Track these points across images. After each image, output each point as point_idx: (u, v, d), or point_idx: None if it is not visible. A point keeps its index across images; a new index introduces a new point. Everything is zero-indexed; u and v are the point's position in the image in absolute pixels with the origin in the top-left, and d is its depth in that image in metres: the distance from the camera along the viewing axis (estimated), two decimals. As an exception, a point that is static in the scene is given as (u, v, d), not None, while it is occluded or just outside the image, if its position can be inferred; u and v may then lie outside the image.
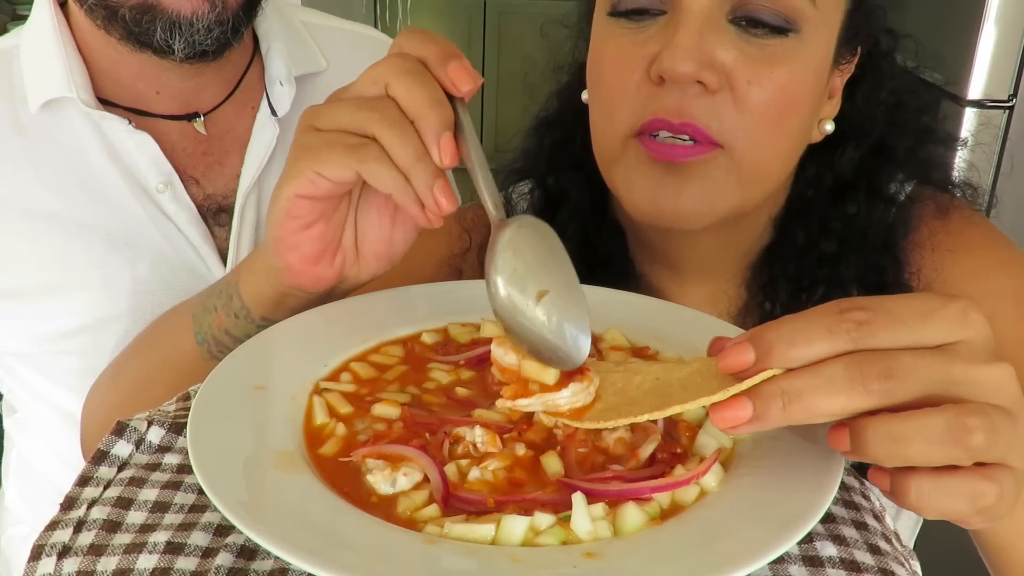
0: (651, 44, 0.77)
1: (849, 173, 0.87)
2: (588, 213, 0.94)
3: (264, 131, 1.13)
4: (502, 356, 0.60)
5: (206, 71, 1.08)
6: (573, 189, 0.95)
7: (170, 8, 0.98)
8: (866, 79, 0.88)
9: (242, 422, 0.59)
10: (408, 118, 0.65)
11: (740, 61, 0.75)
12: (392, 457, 0.56)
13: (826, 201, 0.88)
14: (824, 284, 0.86)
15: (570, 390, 0.56)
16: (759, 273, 0.91)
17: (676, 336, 0.71)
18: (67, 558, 0.51)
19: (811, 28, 0.77)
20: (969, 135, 2.15)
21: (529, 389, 0.57)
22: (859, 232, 0.87)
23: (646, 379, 0.57)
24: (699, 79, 0.74)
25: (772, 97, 0.76)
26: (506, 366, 0.59)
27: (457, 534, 0.50)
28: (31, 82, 1.07)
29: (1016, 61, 2.06)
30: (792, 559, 0.53)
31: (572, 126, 0.95)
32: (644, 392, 0.55)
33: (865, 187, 0.87)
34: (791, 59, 0.76)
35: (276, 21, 1.16)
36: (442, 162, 0.64)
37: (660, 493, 0.53)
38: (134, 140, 1.07)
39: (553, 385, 0.57)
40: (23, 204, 1.07)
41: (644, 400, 0.54)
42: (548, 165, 0.97)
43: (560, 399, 0.56)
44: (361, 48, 1.25)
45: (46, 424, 1.19)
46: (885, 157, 0.88)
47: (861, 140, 0.87)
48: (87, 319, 1.08)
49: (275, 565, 0.51)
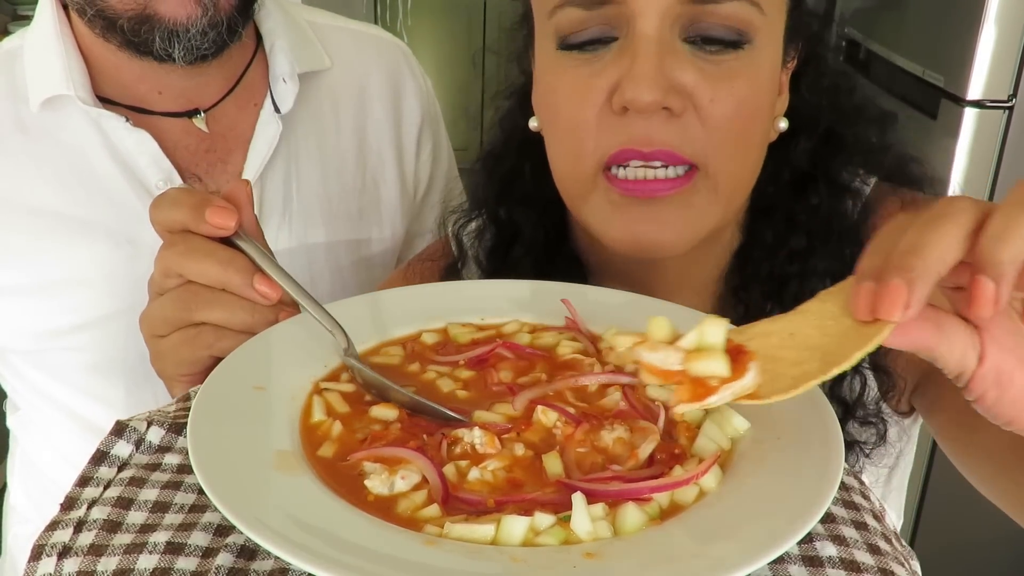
0: (608, 73, 0.75)
1: (806, 164, 0.87)
2: (542, 248, 0.92)
3: (268, 128, 1.13)
4: (663, 360, 0.55)
5: (207, 70, 1.08)
6: (526, 224, 0.93)
7: (167, 17, 0.98)
8: (808, 70, 0.87)
9: (242, 422, 0.59)
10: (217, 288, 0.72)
11: (700, 80, 0.74)
12: (390, 460, 0.56)
13: (788, 196, 0.87)
14: (797, 279, 0.86)
15: (753, 372, 0.53)
16: (730, 278, 0.90)
17: None
18: (67, 558, 0.51)
19: (762, 36, 0.76)
20: (970, 135, 2.14)
21: (709, 386, 0.53)
22: (824, 222, 0.86)
23: (782, 338, 0.54)
24: (665, 105, 0.73)
25: (736, 111, 0.76)
26: (667, 369, 0.55)
27: (457, 534, 0.50)
28: (32, 81, 1.08)
29: (1016, 61, 2.06)
30: (792, 559, 0.53)
31: (518, 157, 0.93)
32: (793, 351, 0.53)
33: (823, 176, 0.87)
34: (748, 71, 0.76)
35: (280, 19, 1.16)
36: (271, 300, 0.72)
37: (659, 493, 0.53)
38: (133, 138, 1.07)
39: (733, 374, 0.53)
40: (25, 201, 1.07)
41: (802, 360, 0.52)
42: (498, 199, 0.95)
43: (747, 383, 0.53)
44: (365, 47, 1.26)
45: (49, 421, 1.19)
46: (836, 143, 0.87)
47: (811, 130, 0.87)
48: (89, 316, 1.08)
49: (275, 565, 0.51)
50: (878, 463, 0.89)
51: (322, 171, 1.18)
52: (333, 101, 1.20)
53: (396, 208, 1.26)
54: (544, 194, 0.89)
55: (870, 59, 2.55)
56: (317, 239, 1.18)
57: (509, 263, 0.93)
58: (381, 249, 1.25)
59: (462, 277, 0.98)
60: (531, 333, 0.73)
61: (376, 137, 1.24)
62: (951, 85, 2.14)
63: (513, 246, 0.94)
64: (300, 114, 1.16)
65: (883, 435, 0.88)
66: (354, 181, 1.21)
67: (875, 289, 0.48)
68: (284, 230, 1.15)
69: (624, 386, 0.64)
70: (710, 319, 0.54)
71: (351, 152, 1.21)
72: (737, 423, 0.59)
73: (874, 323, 0.49)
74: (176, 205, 0.73)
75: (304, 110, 1.16)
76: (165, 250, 0.73)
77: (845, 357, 0.50)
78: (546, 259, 0.92)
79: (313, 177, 1.18)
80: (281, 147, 1.14)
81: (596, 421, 0.60)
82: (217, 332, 0.74)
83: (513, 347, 0.70)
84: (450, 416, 0.62)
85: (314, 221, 1.18)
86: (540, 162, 0.87)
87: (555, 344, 0.71)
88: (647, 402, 0.62)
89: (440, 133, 1.32)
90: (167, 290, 0.75)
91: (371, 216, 1.23)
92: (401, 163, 1.26)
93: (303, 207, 1.17)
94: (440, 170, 1.33)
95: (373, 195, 1.23)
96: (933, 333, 0.50)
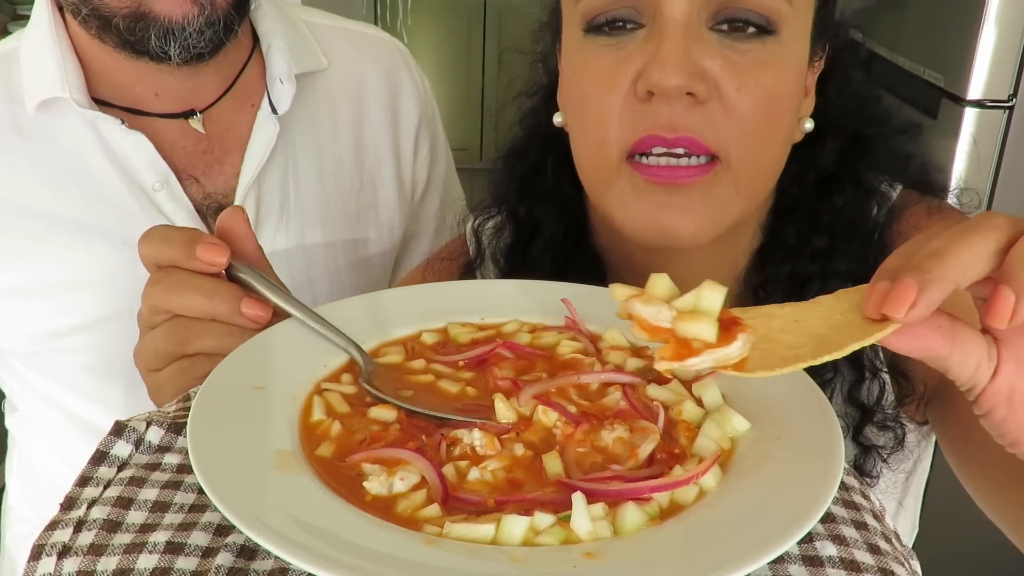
0: (634, 60, 0.76)
1: (832, 166, 0.87)
2: (562, 245, 0.93)
3: (265, 129, 1.13)
4: (654, 315, 0.54)
5: (204, 70, 1.08)
6: (546, 221, 0.93)
7: (162, 15, 0.98)
8: (835, 73, 0.88)
9: (242, 422, 0.59)
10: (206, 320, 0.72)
11: (726, 69, 0.74)
12: (388, 461, 0.56)
13: (812, 197, 0.87)
14: (818, 279, 0.86)
15: (740, 341, 0.53)
16: (750, 277, 0.90)
17: None
18: (67, 558, 0.51)
19: (789, 29, 0.77)
20: (970, 135, 2.14)
21: (693, 348, 0.53)
22: (848, 224, 0.86)
23: (785, 322, 0.54)
24: (689, 90, 0.73)
25: (761, 102, 0.76)
26: (657, 325, 0.54)
27: (457, 534, 0.50)
28: (28, 83, 1.08)
29: (1016, 61, 2.05)
30: (792, 559, 0.53)
31: (540, 154, 0.93)
32: (792, 335, 0.53)
33: (849, 178, 0.87)
34: (774, 62, 0.76)
35: (277, 19, 1.16)
36: (262, 322, 0.71)
37: (659, 493, 0.53)
38: (129, 140, 1.07)
39: (718, 341, 0.53)
40: (23, 204, 1.07)
41: (799, 344, 0.52)
42: (519, 197, 0.96)
43: (732, 352, 0.53)
44: (362, 47, 1.26)
45: (46, 422, 1.19)
46: (863, 147, 0.88)
47: (838, 132, 0.87)
48: (87, 318, 1.08)
49: (275, 565, 0.51)
50: (895, 468, 0.89)
51: (319, 172, 1.18)
52: (330, 102, 1.20)
53: (394, 209, 1.26)
54: (564, 191, 0.89)
55: (870, 59, 2.54)
56: (314, 240, 1.18)
57: (528, 261, 0.93)
58: (379, 250, 1.25)
59: (478, 276, 0.98)
60: (531, 333, 0.73)
61: (373, 138, 1.23)
62: (951, 85, 2.14)
63: (532, 244, 0.94)
64: (297, 115, 1.16)
65: (901, 440, 0.87)
66: (351, 182, 1.21)
67: (888, 287, 0.48)
68: (281, 231, 1.15)
69: (624, 386, 0.64)
70: (709, 284, 0.54)
71: (348, 153, 1.21)
72: (737, 423, 0.59)
73: (880, 321, 0.49)
74: (166, 242, 0.73)
75: (301, 111, 1.16)
76: (151, 287, 0.73)
77: (839, 347, 0.50)
78: (565, 257, 0.92)
79: (310, 178, 1.18)
80: (278, 148, 1.14)
81: (596, 421, 0.60)
82: (212, 360, 0.72)
83: (513, 347, 0.70)
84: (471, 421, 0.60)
85: (311, 222, 1.18)
86: (561, 159, 0.87)
87: (555, 344, 0.71)
88: (647, 402, 0.62)
89: (438, 134, 1.32)
90: (157, 325, 0.75)
91: (368, 217, 1.23)
92: (398, 164, 1.26)
93: (300, 208, 1.17)
94: (438, 171, 1.33)
95: (370, 196, 1.23)
96: (945, 342, 0.50)
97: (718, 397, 0.62)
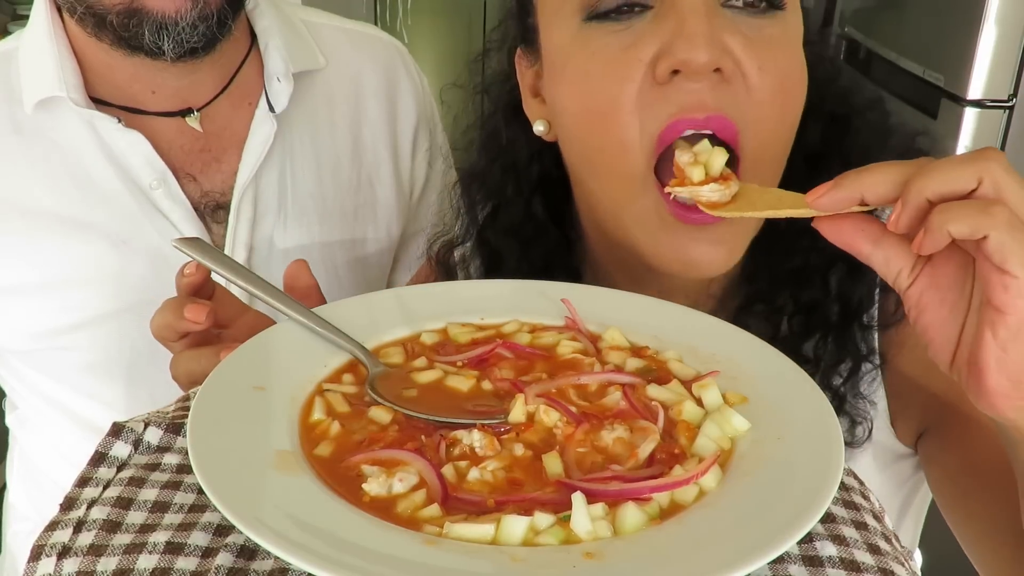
0: (646, 43, 0.72)
1: (818, 145, 0.84)
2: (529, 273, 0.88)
3: (262, 127, 1.13)
4: (680, 156, 0.72)
5: (200, 67, 1.08)
6: (510, 258, 0.90)
7: (155, 9, 0.98)
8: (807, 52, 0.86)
9: (242, 422, 0.59)
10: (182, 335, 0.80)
11: (747, 47, 0.72)
12: (387, 462, 0.56)
13: (803, 175, 0.85)
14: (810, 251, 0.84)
15: (709, 187, 0.70)
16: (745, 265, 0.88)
17: (675, 335, 0.71)
18: (67, 558, 0.51)
19: (792, 4, 0.76)
20: (970, 134, 2.15)
21: (685, 183, 0.71)
22: None
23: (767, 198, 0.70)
24: (718, 66, 0.70)
25: (781, 82, 0.74)
26: (677, 161, 0.72)
27: (457, 534, 0.50)
28: (26, 82, 1.08)
29: (1016, 61, 2.06)
30: (792, 559, 0.53)
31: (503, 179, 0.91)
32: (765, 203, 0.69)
33: (837, 155, 0.84)
34: (785, 39, 0.75)
35: (274, 18, 1.16)
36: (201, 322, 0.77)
37: (659, 493, 0.53)
38: (126, 139, 1.07)
39: (698, 182, 0.71)
40: (21, 202, 1.08)
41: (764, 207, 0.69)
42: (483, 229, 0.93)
43: (703, 192, 0.70)
44: (360, 46, 1.26)
45: (46, 420, 1.19)
46: (842, 124, 0.86)
47: (817, 113, 0.84)
48: (86, 316, 1.09)
49: (275, 565, 0.51)
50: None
51: (317, 170, 1.18)
52: (328, 100, 1.20)
53: (392, 208, 1.26)
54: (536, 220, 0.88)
55: (870, 59, 2.55)
56: (312, 239, 1.18)
57: None
58: (377, 249, 1.25)
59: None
60: (531, 333, 0.73)
61: (371, 136, 1.24)
62: (951, 85, 2.14)
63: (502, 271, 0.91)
64: (295, 113, 1.16)
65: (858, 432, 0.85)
66: (349, 180, 1.21)
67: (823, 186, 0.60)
68: (279, 230, 1.16)
69: (624, 386, 0.64)
70: (718, 150, 0.71)
71: (346, 151, 1.21)
72: (737, 423, 0.59)
73: None
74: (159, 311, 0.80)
75: (299, 110, 1.16)
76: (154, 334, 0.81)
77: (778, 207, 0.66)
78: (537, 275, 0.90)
79: (308, 177, 1.18)
80: (276, 147, 1.14)
81: (596, 421, 0.60)
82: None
83: (513, 347, 0.70)
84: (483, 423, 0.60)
85: (309, 220, 1.18)
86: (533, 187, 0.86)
87: (555, 344, 0.71)
88: (647, 402, 0.62)
89: (437, 133, 1.32)
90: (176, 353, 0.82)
91: (366, 215, 1.23)
92: (397, 163, 1.26)
93: (298, 207, 1.17)
94: (436, 170, 1.32)
95: (368, 194, 1.23)
96: (865, 243, 0.61)
97: (718, 397, 0.62)
